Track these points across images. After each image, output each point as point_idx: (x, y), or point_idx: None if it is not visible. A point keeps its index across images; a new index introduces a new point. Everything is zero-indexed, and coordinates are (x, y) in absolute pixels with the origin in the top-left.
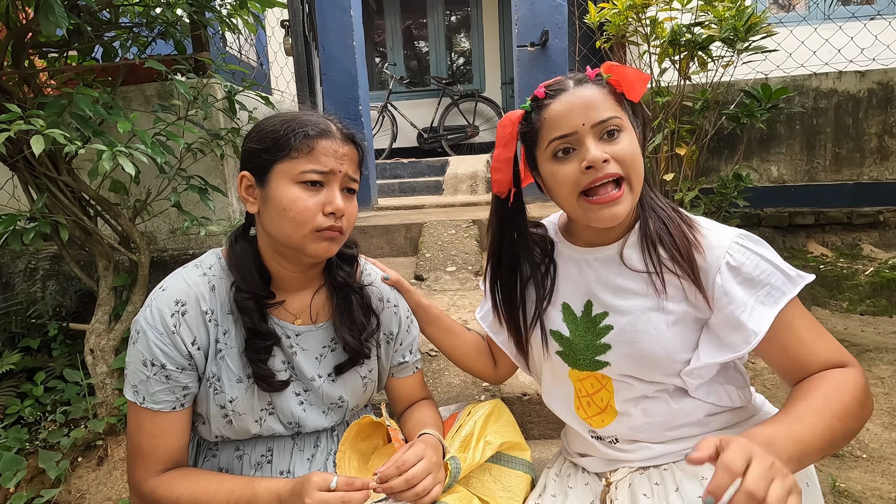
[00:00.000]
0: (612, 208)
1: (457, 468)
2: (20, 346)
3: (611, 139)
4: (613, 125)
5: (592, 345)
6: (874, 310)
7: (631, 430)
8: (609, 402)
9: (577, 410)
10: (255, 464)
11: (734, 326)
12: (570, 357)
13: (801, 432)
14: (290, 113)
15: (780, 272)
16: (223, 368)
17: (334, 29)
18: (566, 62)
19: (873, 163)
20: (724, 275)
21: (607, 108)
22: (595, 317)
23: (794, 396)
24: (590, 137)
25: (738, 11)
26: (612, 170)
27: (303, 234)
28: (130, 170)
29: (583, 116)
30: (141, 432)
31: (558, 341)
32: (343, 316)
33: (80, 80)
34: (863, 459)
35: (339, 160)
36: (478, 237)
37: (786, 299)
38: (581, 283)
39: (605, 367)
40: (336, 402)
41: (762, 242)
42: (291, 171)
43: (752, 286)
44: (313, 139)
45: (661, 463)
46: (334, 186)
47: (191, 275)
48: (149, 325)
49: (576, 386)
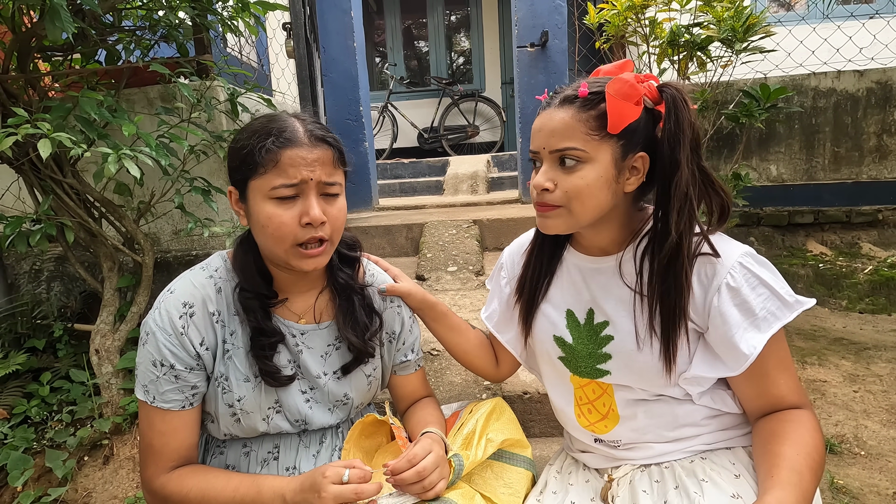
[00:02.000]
0: (542, 220)
1: (460, 465)
2: (26, 346)
3: (564, 167)
4: (572, 156)
5: (594, 353)
6: (873, 308)
7: (635, 433)
8: (611, 406)
9: (579, 419)
10: (261, 460)
11: (727, 347)
12: (571, 363)
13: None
14: (259, 122)
15: (777, 298)
16: (231, 368)
17: (335, 30)
18: (566, 63)
19: (872, 162)
20: (723, 295)
21: (570, 136)
22: (597, 326)
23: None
24: (547, 161)
25: (737, 12)
26: (550, 200)
27: (285, 249)
28: (135, 172)
29: (545, 140)
30: (152, 430)
31: (561, 347)
32: (346, 317)
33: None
34: (861, 456)
35: (310, 167)
36: (478, 237)
37: (779, 325)
38: (584, 291)
39: (606, 375)
40: (341, 400)
41: (766, 263)
42: (263, 188)
43: (747, 309)
44: (278, 151)
45: (663, 461)
46: (310, 195)
47: (197, 277)
48: (157, 326)
49: (576, 393)
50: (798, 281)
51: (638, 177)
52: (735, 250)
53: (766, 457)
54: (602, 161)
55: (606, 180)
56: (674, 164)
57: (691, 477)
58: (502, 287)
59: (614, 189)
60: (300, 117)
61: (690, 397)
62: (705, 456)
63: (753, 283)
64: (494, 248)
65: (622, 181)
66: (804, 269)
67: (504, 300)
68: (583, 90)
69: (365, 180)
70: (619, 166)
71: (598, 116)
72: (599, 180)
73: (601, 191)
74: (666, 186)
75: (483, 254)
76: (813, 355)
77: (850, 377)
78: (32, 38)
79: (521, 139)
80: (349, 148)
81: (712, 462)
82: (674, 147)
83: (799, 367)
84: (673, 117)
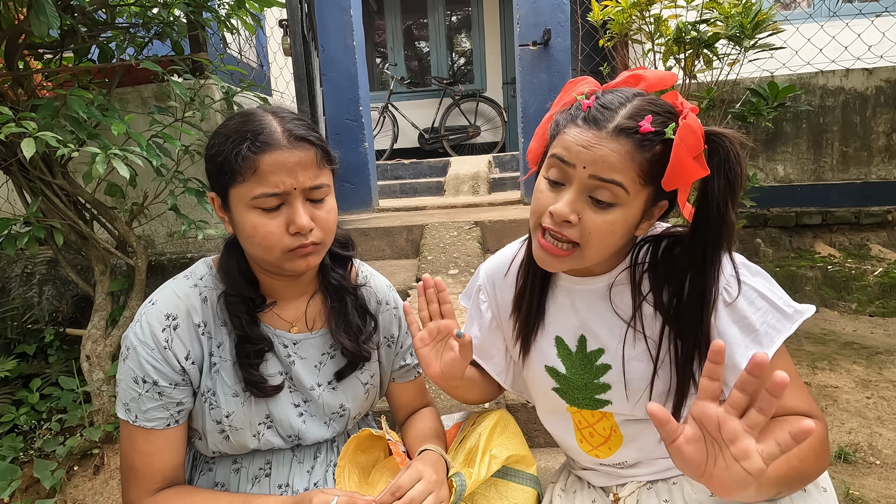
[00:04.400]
0: (547, 257)
1: (462, 486)
2: (16, 352)
3: (596, 204)
4: (611, 192)
5: (591, 384)
6: (883, 311)
7: (640, 453)
8: (612, 427)
9: (581, 444)
10: (252, 477)
11: (729, 368)
12: (567, 395)
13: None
14: (234, 122)
15: (776, 310)
16: (218, 382)
17: (334, 29)
18: (568, 61)
19: (881, 162)
20: (720, 313)
21: (622, 172)
22: (590, 354)
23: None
24: (577, 185)
25: (745, 8)
26: (568, 234)
27: (276, 256)
28: (125, 172)
29: (590, 162)
30: (134, 451)
31: (555, 378)
32: (339, 319)
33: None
34: (876, 466)
35: (291, 173)
36: (480, 239)
37: (781, 338)
38: (573, 317)
39: (606, 405)
40: (337, 412)
41: (760, 272)
42: (244, 197)
43: (747, 326)
44: (255, 157)
45: (670, 476)
46: (295, 203)
47: (181, 287)
48: (139, 340)
49: (574, 418)
50: (806, 283)
51: (650, 223)
52: (727, 264)
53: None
54: (635, 206)
55: (630, 226)
56: (723, 226)
57: (700, 493)
58: (482, 312)
59: (630, 234)
60: (278, 114)
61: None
62: None
63: (751, 297)
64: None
65: (638, 227)
66: (812, 272)
67: (485, 325)
68: (646, 126)
69: (365, 181)
70: (645, 213)
71: (652, 161)
72: (624, 226)
73: (619, 236)
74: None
75: (485, 256)
76: (823, 360)
77: (862, 383)
78: (21, 34)
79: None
80: (349, 148)
81: None
82: (724, 206)
83: (809, 373)
84: (723, 173)
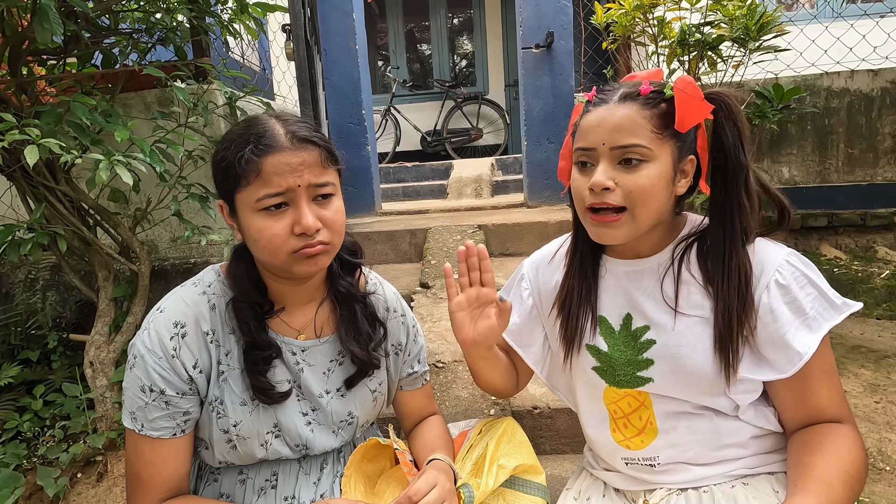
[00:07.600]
0: (602, 229)
1: (470, 497)
2: (19, 358)
3: (628, 166)
4: (637, 153)
5: (634, 360)
6: (891, 314)
7: (674, 450)
8: (648, 419)
9: (614, 433)
10: (258, 489)
11: (778, 345)
12: (608, 373)
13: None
14: (238, 128)
15: (824, 299)
16: (226, 391)
17: (336, 33)
18: (571, 64)
19: (887, 163)
20: (772, 292)
21: (636, 133)
22: (636, 331)
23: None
24: (605, 159)
25: (750, 10)
26: (612, 200)
27: (283, 259)
28: (128, 179)
29: (606, 136)
30: (140, 460)
31: (595, 356)
32: (348, 327)
33: (79, 87)
34: (886, 472)
35: (295, 173)
36: (483, 243)
37: (829, 325)
38: (619, 296)
39: (648, 383)
40: (346, 420)
41: (810, 264)
42: (249, 200)
43: (798, 308)
44: (258, 160)
45: (701, 485)
46: (300, 203)
47: (189, 294)
48: (147, 349)
49: (610, 408)
50: None
51: (687, 180)
52: (780, 248)
53: (797, 468)
54: (664, 161)
55: (667, 181)
56: (738, 167)
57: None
58: (524, 299)
59: (671, 191)
60: (281, 117)
61: (736, 412)
62: (747, 481)
63: (802, 282)
64: (500, 253)
65: (676, 183)
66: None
67: (526, 312)
68: (646, 87)
69: (367, 184)
70: (676, 167)
71: (661, 115)
72: (662, 180)
73: (662, 192)
74: (727, 188)
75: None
76: None
77: (870, 387)
78: (24, 41)
79: (527, 142)
80: (351, 152)
81: (755, 489)
82: (737, 150)
83: None
84: (731, 121)
